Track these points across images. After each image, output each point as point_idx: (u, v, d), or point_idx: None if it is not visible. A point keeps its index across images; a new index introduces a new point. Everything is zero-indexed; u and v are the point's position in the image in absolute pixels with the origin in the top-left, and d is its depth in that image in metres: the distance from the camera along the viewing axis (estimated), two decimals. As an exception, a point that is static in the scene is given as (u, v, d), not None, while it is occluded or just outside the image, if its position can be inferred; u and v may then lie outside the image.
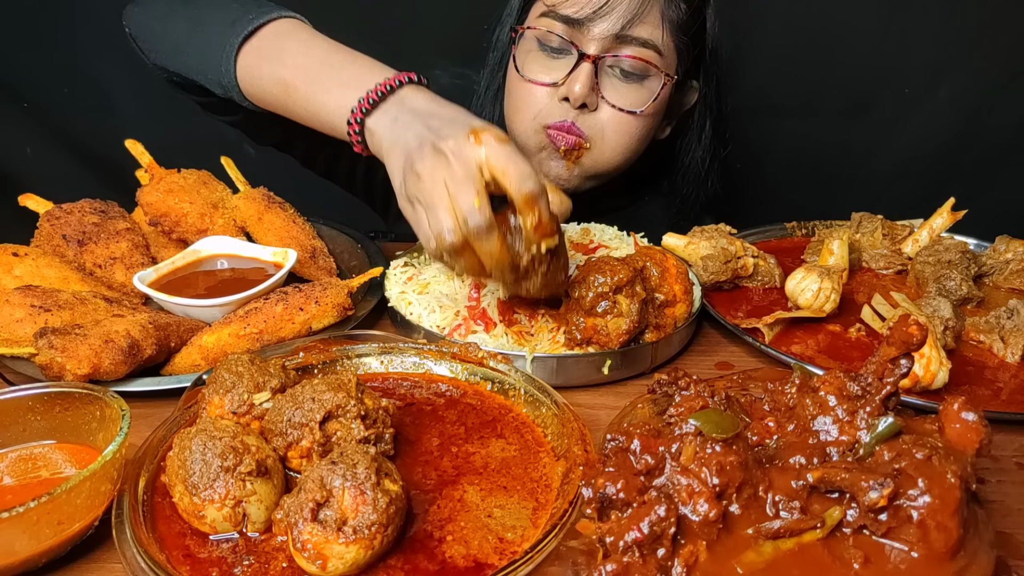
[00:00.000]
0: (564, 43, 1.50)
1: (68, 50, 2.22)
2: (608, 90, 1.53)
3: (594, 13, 1.45)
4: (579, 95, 1.49)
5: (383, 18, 2.23)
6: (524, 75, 1.55)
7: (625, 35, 1.47)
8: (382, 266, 1.43)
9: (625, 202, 1.87)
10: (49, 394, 0.95)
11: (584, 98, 1.49)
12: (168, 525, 0.85)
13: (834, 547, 0.75)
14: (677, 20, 1.53)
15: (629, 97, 1.54)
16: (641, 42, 1.49)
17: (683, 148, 1.79)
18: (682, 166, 1.81)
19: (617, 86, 1.53)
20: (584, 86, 1.48)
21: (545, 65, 1.54)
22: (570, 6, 1.47)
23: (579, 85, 1.48)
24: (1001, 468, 1.05)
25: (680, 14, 1.53)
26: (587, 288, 1.17)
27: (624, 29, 1.47)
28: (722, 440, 0.78)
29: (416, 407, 1.09)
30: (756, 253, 1.55)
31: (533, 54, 1.56)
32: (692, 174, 1.81)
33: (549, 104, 1.55)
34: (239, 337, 1.20)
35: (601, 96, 1.53)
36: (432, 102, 1.13)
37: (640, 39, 1.48)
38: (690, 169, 1.80)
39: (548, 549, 0.81)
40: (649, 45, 1.50)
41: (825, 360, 1.29)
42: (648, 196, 1.91)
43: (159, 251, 1.46)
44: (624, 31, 1.47)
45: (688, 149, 1.79)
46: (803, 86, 2.38)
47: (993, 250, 1.67)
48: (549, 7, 1.50)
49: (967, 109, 2.36)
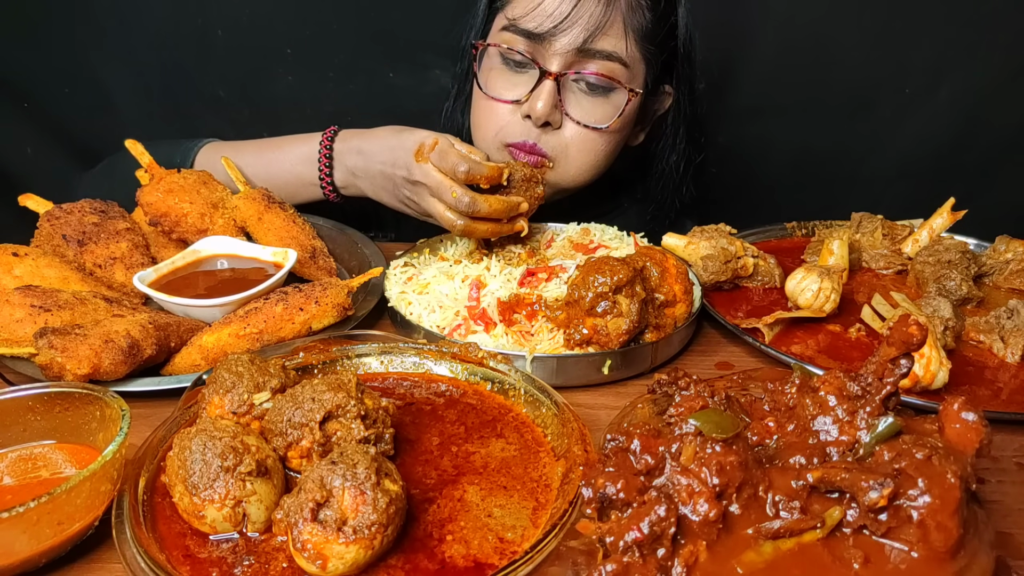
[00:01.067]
0: (526, 59, 1.47)
1: (68, 50, 2.22)
2: (572, 106, 1.49)
3: (555, 27, 1.41)
4: (541, 114, 1.46)
5: (383, 19, 2.23)
6: (487, 92, 1.53)
7: (588, 49, 1.44)
8: (382, 266, 1.43)
9: (605, 207, 1.85)
10: (49, 394, 0.95)
11: (547, 116, 1.46)
12: (168, 525, 0.85)
13: (834, 547, 0.75)
14: (642, 29, 1.49)
15: (595, 113, 1.50)
16: (605, 55, 1.45)
17: (657, 154, 1.76)
18: (656, 172, 1.78)
19: (582, 101, 1.50)
20: (546, 104, 1.45)
21: (508, 81, 1.52)
22: (531, 20, 1.43)
23: (541, 103, 1.45)
24: (1001, 468, 1.05)
25: (645, 22, 1.49)
26: (587, 288, 1.17)
27: (587, 43, 1.43)
28: (722, 440, 0.78)
29: (415, 406, 1.09)
30: (756, 253, 1.55)
31: (496, 70, 1.53)
32: (666, 180, 1.79)
33: (511, 121, 1.52)
34: (239, 337, 1.20)
35: (565, 113, 1.50)
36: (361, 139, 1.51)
37: (604, 52, 1.45)
38: (664, 175, 1.78)
39: (548, 549, 0.81)
40: (614, 58, 1.46)
41: (825, 360, 1.29)
42: (627, 202, 1.89)
43: (159, 251, 1.46)
44: (587, 45, 1.43)
45: (662, 155, 1.76)
46: (803, 86, 2.37)
47: (993, 250, 1.67)
48: (511, 21, 1.47)
49: (967, 109, 2.36)
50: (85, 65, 2.24)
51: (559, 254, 1.56)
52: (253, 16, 2.23)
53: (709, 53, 2.34)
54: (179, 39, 2.24)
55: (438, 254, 1.52)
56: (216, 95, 2.32)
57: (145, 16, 2.20)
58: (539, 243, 1.62)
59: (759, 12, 2.28)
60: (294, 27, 2.26)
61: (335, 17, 2.25)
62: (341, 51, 2.30)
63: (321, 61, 2.30)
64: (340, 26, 2.26)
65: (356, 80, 2.33)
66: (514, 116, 1.52)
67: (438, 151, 1.35)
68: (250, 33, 2.25)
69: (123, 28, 2.21)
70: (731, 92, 2.40)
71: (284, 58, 2.29)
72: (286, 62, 2.29)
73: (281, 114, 2.32)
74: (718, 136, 2.49)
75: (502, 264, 1.41)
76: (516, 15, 1.46)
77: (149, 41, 2.23)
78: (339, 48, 2.29)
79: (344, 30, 2.27)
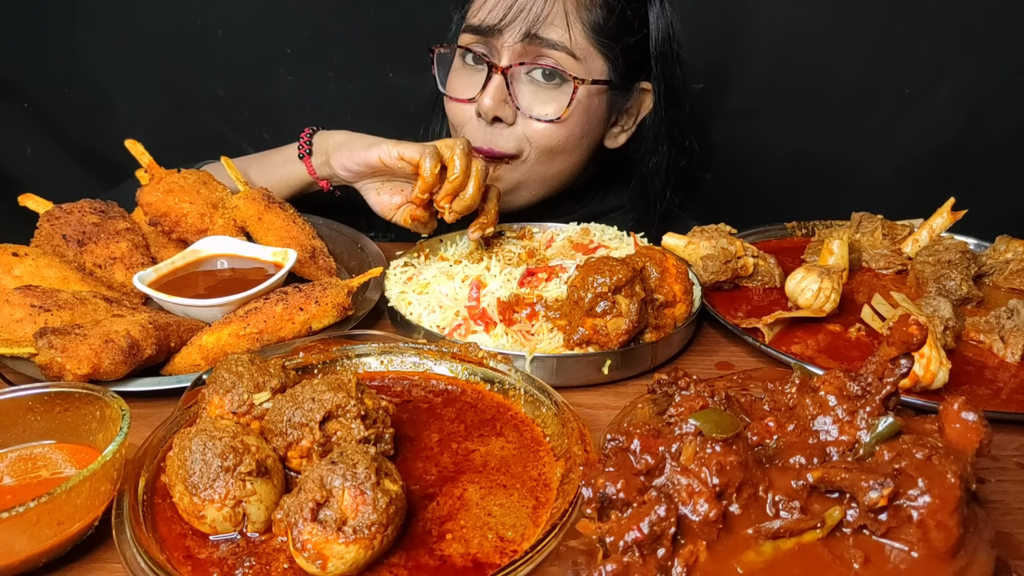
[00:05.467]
0: (479, 57, 1.50)
1: (68, 50, 2.22)
2: (524, 98, 1.51)
3: (500, 21, 1.45)
4: (488, 108, 1.49)
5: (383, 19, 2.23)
6: (447, 92, 1.57)
7: (535, 37, 1.46)
8: (382, 266, 1.43)
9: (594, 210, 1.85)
10: (49, 394, 0.95)
11: (495, 111, 1.49)
12: (168, 526, 0.85)
13: (834, 547, 0.75)
14: (594, 23, 1.51)
15: (548, 106, 1.52)
16: (551, 44, 1.47)
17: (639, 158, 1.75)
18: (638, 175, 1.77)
19: (536, 94, 1.52)
20: (493, 99, 1.48)
21: (465, 80, 1.55)
22: (479, 17, 1.48)
23: (488, 98, 1.48)
24: (1001, 468, 1.05)
25: (597, 17, 1.50)
26: (587, 288, 1.17)
27: (531, 31, 1.45)
28: (722, 440, 0.78)
29: (413, 404, 1.09)
30: (756, 253, 1.55)
31: (457, 71, 1.57)
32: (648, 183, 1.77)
33: (472, 121, 1.55)
34: (239, 337, 1.20)
35: (516, 107, 1.51)
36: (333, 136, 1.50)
37: (549, 41, 1.47)
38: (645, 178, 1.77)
39: (548, 549, 0.81)
40: (560, 47, 1.48)
41: (825, 360, 1.29)
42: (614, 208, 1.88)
43: (159, 251, 1.46)
44: (532, 32, 1.45)
45: (644, 160, 1.75)
46: (803, 86, 2.37)
47: (993, 250, 1.66)
48: (467, 23, 1.53)
49: (967, 109, 2.36)
50: (85, 65, 2.24)
51: (559, 254, 1.56)
52: (253, 16, 2.23)
53: (709, 53, 2.35)
54: (179, 39, 2.24)
55: (438, 254, 1.52)
56: (216, 95, 2.32)
57: (145, 16, 2.20)
58: (539, 243, 1.62)
59: (759, 12, 2.28)
60: (294, 27, 2.26)
61: (335, 17, 2.25)
62: (341, 51, 2.30)
63: (321, 61, 2.30)
64: (340, 26, 2.27)
65: (356, 80, 2.33)
66: (473, 115, 1.55)
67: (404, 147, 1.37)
68: (250, 33, 2.25)
69: (123, 28, 2.21)
70: (731, 92, 2.40)
71: (284, 58, 2.29)
72: (286, 62, 2.29)
73: (281, 114, 2.32)
74: (717, 136, 2.49)
75: (502, 264, 1.41)
76: (469, 15, 1.52)
77: (149, 41, 2.23)
78: (339, 48, 2.29)
79: (344, 30, 2.27)
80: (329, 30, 2.27)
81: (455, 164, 1.30)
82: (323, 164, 1.54)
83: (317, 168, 1.55)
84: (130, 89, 2.29)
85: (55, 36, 2.21)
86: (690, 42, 2.33)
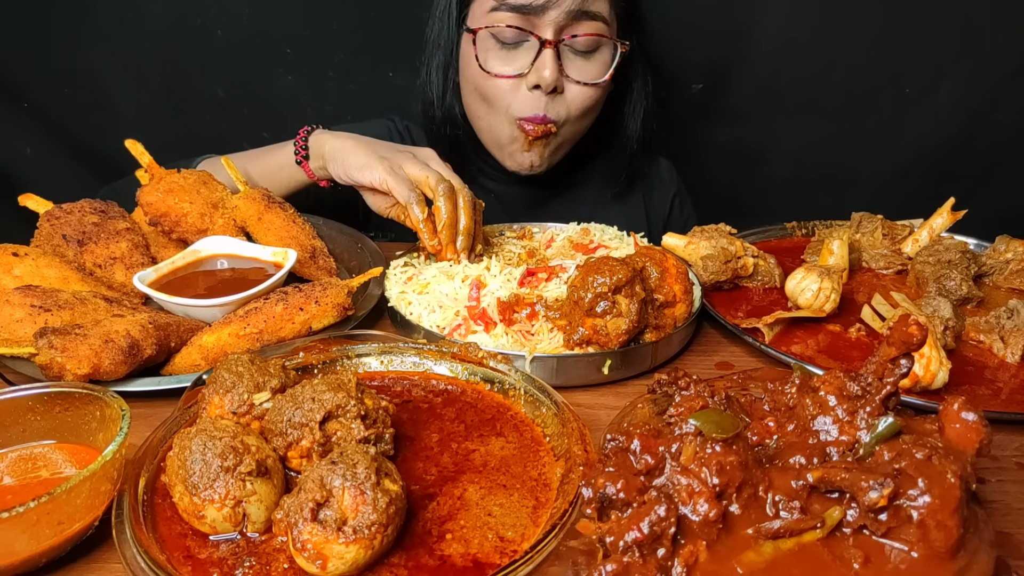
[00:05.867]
0: (520, 34, 1.54)
1: (68, 50, 2.22)
2: (570, 69, 1.59)
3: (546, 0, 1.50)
4: (550, 80, 1.54)
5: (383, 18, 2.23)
6: (490, 71, 1.59)
7: (580, 12, 1.52)
8: (382, 266, 1.43)
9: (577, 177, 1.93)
10: (49, 394, 0.95)
11: (555, 82, 1.55)
12: (168, 526, 0.85)
13: (834, 547, 0.75)
14: None
15: (589, 71, 1.61)
16: (591, 16, 1.54)
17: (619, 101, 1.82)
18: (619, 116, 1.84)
19: (576, 63, 1.59)
20: (552, 71, 1.54)
21: (504, 59, 1.59)
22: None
23: (548, 71, 1.53)
24: (1001, 468, 1.05)
25: None
26: (587, 288, 1.17)
27: (579, 8, 1.52)
28: (722, 440, 0.78)
29: (413, 404, 1.09)
30: (756, 253, 1.55)
31: (491, 51, 1.60)
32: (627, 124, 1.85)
33: (519, 96, 1.60)
34: (239, 337, 1.20)
35: (565, 76, 1.58)
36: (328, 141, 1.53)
37: (590, 13, 1.54)
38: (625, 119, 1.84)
39: (548, 549, 0.81)
40: (598, 18, 1.56)
41: (825, 360, 1.29)
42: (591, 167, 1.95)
43: (159, 251, 1.46)
44: (578, 9, 1.52)
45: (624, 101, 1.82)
46: (803, 86, 2.38)
47: (993, 250, 1.66)
48: (500, 1, 1.54)
49: (967, 108, 2.36)
50: (85, 65, 2.24)
51: (559, 254, 1.56)
52: (253, 16, 2.23)
53: (709, 53, 2.36)
54: (179, 39, 2.24)
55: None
56: (216, 95, 2.32)
57: (145, 16, 2.20)
58: (539, 243, 1.62)
59: (759, 12, 2.28)
60: (294, 27, 2.26)
61: (335, 17, 2.25)
62: (341, 51, 2.30)
63: (321, 61, 2.30)
64: (340, 26, 2.27)
65: (356, 80, 2.33)
66: (519, 90, 1.60)
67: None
68: (250, 33, 2.25)
69: (123, 28, 2.21)
70: (731, 91, 2.40)
71: (284, 58, 2.29)
72: (286, 62, 2.30)
73: (281, 114, 2.32)
74: (717, 136, 2.49)
75: (502, 264, 1.41)
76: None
77: (149, 41, 2.23)
78: (339, 48, 2.29)
79: (344, 30, 2.27)
80: (329, 30, 2.27)
81: (441, 212, 1.37)
82: (320, 168, 1.56)
83: (315, 171, 1.58)
84: (130, 89, 2.29)
85: (55, 36, 2.21)
86: (690, 42, 2.34)
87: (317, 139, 1.56)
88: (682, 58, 2.36)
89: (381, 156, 1.43)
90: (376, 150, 1.46)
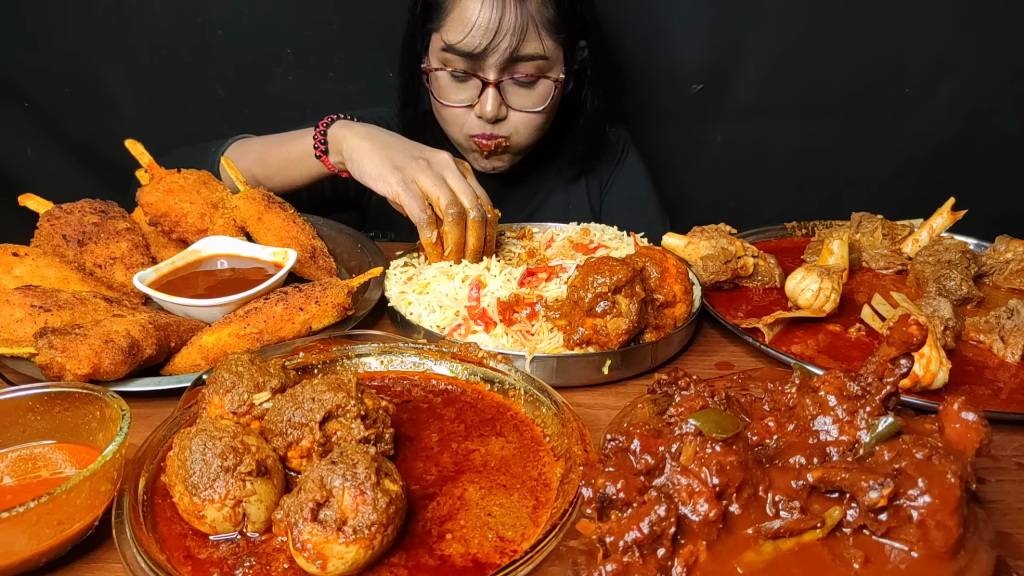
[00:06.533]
0: (466, 74, 1.75)
1: (68, 50, 2.22)
2: (512, 98, 1.79)
3: (486, 48, 1.68)
4: (491, 114, 1.77)
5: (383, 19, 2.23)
6: (443, 102, 1.82)
7: (516, 56, 1.70)
8: (382, 266, 1.43)
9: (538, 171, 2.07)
10: (49, 394, 0.95)
11: (496, 115, 1.78)
12: (169, 526, 0.85)
13: (834, 547, 0.75)
14: (554, 22, 1.73)
15: (531, 99, 1.81)
16: (529, 58, 1.72)
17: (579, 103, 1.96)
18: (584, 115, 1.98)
19: (519, 93, 1.79)
20: (493, 107, 1.76)
21: (457, 89, 1.80)
22: (466, 45, 1.68)
23: (489, 107, 1.76)
24: (1001, 468, 1.05)
25: (551, 15, 1.72)
26: (587, 288, 1.17)
27: (514, 53, 1.69)
28: (722, 440, 0.78)
29: (413, 404, 1.09)
30: (756, 253, 1.55)
31: (445, 85, 1.80)
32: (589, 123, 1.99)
33: (470, 119, 1.83)
34: (239, 337, 1.20)
35: (508, 107, 1.80)
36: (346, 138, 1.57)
37: (528, 55, 1.72)
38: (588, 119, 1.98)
39: (548, 549, 0.81)
40: (536, 57, 1.73)
41: (825, 360, 1.29)
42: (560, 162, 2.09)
43: (159, 251, 1.46)
44: (514, 55, 1.70)
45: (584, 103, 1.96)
46: (803, 86, 2.37)
47: (993, 250, 1.66)
48: (448, 44, 1.71)
49: (967, 109, 2.36)
50: (85, 65, 2.24)
51: (559, 254, 1.56)
52: (253, 16, 2.23)
53: (709, 53, 2.35)
54: (179, 39, 2.24)
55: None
56: (216, 95, 2.32)
57: (145, 16, 2.20)
58: (539, 243, 1.62)
59: (759, 12, 2.28)
60: (294, 27, 2.26)
61: (335, 17, 2.25)
62: (341, 51, 2.30)
63: (321, 61, 2.30)
64: (340, 26, 2.27)
65: (356, 80, 2.33)
66: (470, 115, 1.82)
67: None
68: (250, 33, 2.25)
69: (123, 28, 2.21)
70: (731, 92, 2.40)
71: (284, 58, 2.29)
72: (286, 62, 2.29)
73: (281, 114, 2.31)
74: (717, 136, 2.49)
75: (502, 264, 1.41)
76: (452, 40, 1.70)
77: (149, 41, 2.23)
78: (339, 48, 2.29)
79: (344, 30, 2.27)
80: (329, 30, 2.27)
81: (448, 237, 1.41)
82: (339, 162, 1.59)
83: (335, 164, 1.61)
84: (130, 89, 2.29)
85: (55, 36, 2.21)
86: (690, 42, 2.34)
87: (335, 134, 1.58)
88: (682, 58, 2.36)
89: (395, 166, 1.44)
90: (391, 157, 1.46)
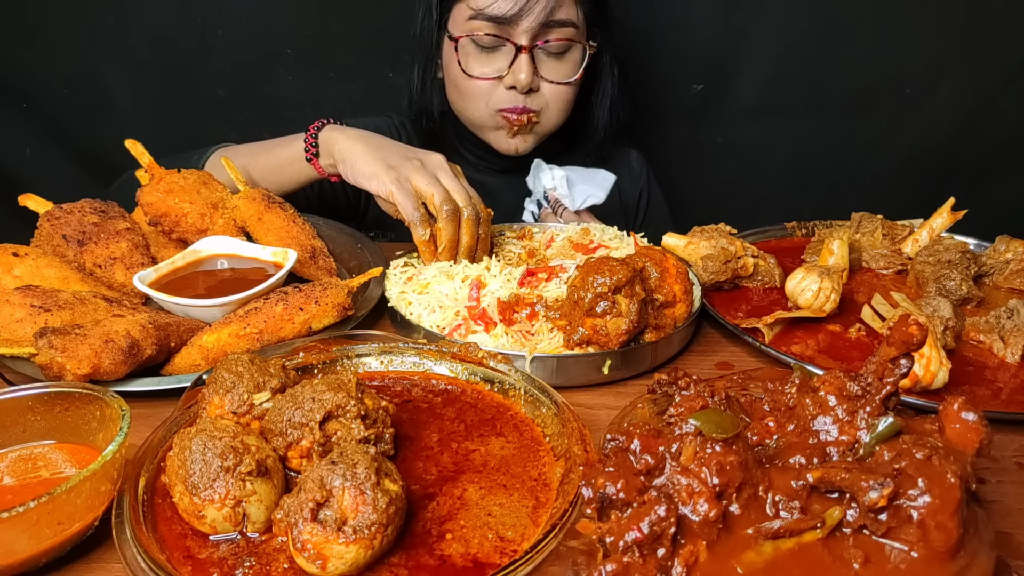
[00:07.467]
0: (496, 40, 1.69)
1: (68, 50, 2.22)
2: (544, 70, 1.75)
3: (520, 10, 1.65)
4: (525, 83, 1.72)
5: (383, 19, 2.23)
6: (470, 74, 1.75)
7: (550, 21, 1.68)
8: (382, 266, 1.43)
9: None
10: (49, 394, 0.95)
11: (530, 84, 1.73)
12: (169, 526, 0.85)
13: (834, 547, 0.75)
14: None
15: (562, 70, 1.78)
16: (561, 23, 1.70)
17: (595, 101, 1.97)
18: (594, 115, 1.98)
19: (550, 63, 1.76)
20: (527, 74, 1.71)
21: (484, 61, 1.75)
22: (498, 8, 1.66)
23: (523, 74, 1.70)
24: (1001, 468, 1.05)
25: None
26: (586, 288, 1.17)
27: (549, 16, 1.67)
28: (722, 440, 0.78)
29: (413, 404, 1.09)
30: (756, 253, 1.55)
31: (471, 55, 1.75)
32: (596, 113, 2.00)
33: (498, 92, 1.77)
34: (239, 337, 1.20)
35: (540, 76, 1.75)
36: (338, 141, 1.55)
37: (560, 20, 1.69)
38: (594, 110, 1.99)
39: (548, 549, 0.81)
40: (568, 24, 1.71)
41: (825, 360, 1.29)
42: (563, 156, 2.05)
43: (159, 251, 1.46)
44: (549, 18, 1.67)
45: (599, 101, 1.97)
46: (803, 86, 2.38)
47: (993, 250, 1.66)
48: (476, 11, 1.68)
49: (967, 109, 2.36)
50: (85, 65, 2.25)
51: (559, 254, 1.56)
52: (253, 16, 2.23)
53: (709, 53, 2.36)
54: (179, 39, 2.24)
55: (438, 254, 1.52)
56: (216, 95, 2.33)
57: (145, 16, 2.20)
58: (539, 243, 1.62)
59: (760, 12, 2.28)
60: (294, 27, 2.26)
61: (335, 17, 2.26)
62: (341, 51, 2.30)
63: (321, 61, 2.31)
64: (340, 26, 2.27)
65: (356, 80, 2.33)
66: (498, 88, 1.77)
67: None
68: (250, 33, 2.25)
69: (123, 28, 2.21)
70: (731, 92, 2.40)
71: (284, 58, 2.29)
72: (286, 62, 2.30)
73: (281, 114, 2.32)
74: (718, 136, 2.49)
75: (502, 264, 1.41)
76: (481, 5, 1.67)
77: (148, 41, 2.24)
78: (339, 48, 2.29)
79: (344, 30, 2.27)
80: (329, 30, 2.27)
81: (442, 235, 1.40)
82: (330, 165, 1.59)
83: (325, 168, 1.60)
84: (130, 89, 2.29)
85: (55, 36, 2.21)
86: (690, 42, 2.34)
87: (327, 137, 1.57)
88: (682, 58, 2.36)
89: (389, 165, 1.44)
90: (385, 157, 1.46)
